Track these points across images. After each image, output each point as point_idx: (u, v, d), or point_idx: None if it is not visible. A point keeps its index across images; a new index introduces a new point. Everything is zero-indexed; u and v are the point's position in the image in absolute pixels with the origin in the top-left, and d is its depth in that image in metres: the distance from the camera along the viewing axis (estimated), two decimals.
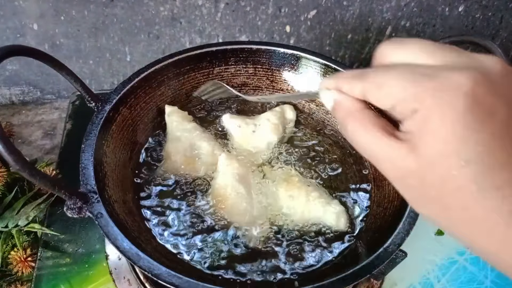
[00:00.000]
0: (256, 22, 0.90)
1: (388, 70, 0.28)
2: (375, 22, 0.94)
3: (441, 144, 0.25)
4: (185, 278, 0.42)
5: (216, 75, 0.71)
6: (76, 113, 0.87)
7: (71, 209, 0.45)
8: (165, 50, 0.92)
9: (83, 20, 0.84)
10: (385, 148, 0.28)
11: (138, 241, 0.46)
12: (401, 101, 0.27)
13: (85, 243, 0.66)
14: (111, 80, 0.96)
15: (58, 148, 0.82)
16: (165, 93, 0.67)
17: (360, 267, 0.45)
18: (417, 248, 0.67)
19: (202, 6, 0.85)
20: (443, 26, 0.97)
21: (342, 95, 0.31)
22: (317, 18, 0.92)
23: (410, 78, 0.27)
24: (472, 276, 0.66)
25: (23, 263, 0.62)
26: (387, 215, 0.54)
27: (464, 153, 0.24)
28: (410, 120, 0.27)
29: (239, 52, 0.70)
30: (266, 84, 0.73)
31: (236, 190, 0.55)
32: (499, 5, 0.95)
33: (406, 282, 0.65)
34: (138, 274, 0.61)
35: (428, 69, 0.27)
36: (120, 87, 0.60)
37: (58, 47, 0.87)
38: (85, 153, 0.51)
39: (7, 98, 0.94)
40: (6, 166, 0.65)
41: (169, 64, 0.65)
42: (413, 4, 0.92)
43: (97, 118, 0.56)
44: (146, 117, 0.64)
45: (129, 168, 0.60)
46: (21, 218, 0.63)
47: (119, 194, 0.53)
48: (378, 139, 0.28)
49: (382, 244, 0.47)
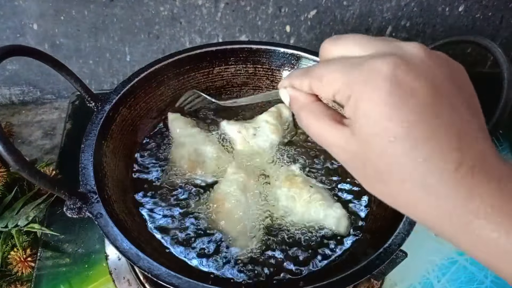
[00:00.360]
0: (256, 22, 0.90)
1: (327, 64, 0.32)
2: (375, 22, 0.94)
3: (371, 124, 0.27)
4: (185, 278, 0.42)
5: (216, 75, 0.71)
6: (76, 113, 0.87)
7: (71, 209, 0.45)
8: (165, 50, 0.92)
9: (83, 20, 0.84)
10: (333, 134, 0.31)
11: (138, 241, 0.46)
12: (338, 90, 0.30)
13: (85, 243, 0.66)
14: (111, 80, 0.96)
15: (58, 148, 0.82)
16: (165, 93, 0.67)
17: (360, 267, 0.45)
18: (417, 248, 0.67)
19: (202, 6, 0.85)
20: (443, 26, 0.97)
21: (295, 91, 0.35)
22: (317, 18, 0.92)
23: (342, 69, 0.30)
24: (472, 276, 0.66)
25: (23, 263, 0.62)
26: (387, 215, 0.54)
27: (392, 130, 0.27)
28: (347, 106, 0.30)
29: (239, 52, 0.70)
30: (266, 84, 0.73)
31: (236, 198, 0.55)
32: (499, 5, 0.95)
33: (406, 282, 0.65)
34: (138, 274, 0.61)
35: (358, 59, 0.30)
36: (120, 87, 0.60)
37: (58, 47, 0.87)
38: (85, 153, 0.51)
39: (7, 98, 0.94)
40: (6, 166, 0.65)
41: (169, 64, 0.65)
42: (413, 4, 0.92)
43: (97, 118, 0.56)
44: (146, 117, 0.64)
45: (129, 168, 0.60)
46: (21, 218, 0.63)
47: (119, 194, 0.53)
48: (327, 126, 0.31)
49: (382, 244, 0.47)
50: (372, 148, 0.28)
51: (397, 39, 0.31)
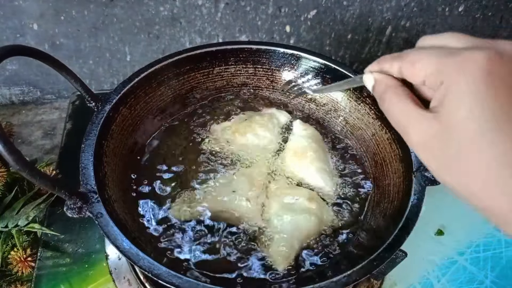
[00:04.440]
0: (256, 22, 0.90)
1: (420, 51, 0.34)
2: (375, 22, 0.94)
3: (463, 109, 0.29)
4: (185, 278, 0.42)
5: (216, 75, 0.71)
6: (76, 113, 0.87)
7: (71, 209, 0.45)
8: (165, 50, 0.92)
9: (83, 20, 0.84)
10: (415, 115, 0.33)
11: (138, 241, 0.46)
12: (430, 75, 0.32)
13: (85, 243, 0.66)
14: (111, 80, 0.96)
15: (58, 148, 0.82)
16: (165, 93, 0.67)
17: (360, 267, 0.45)
18: (417, 248, 0.67)
19: (202, 6, 0.85)
20: (443, 26, 0.97)
21: (381, 74, 0.37)
22: (317, 18, 0.92)
23: (437, 56, 0.32)
24: (472, 276, 0.66)
25: (23, 263, 0.62)
26: (387, 215, 0.54)
27: (483, 117, 0.28)
28: (438, 91, 0.31)
29: (239, 52, 0.70)
30: (266, 84, 0.73)
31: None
32: (499, 5, 0.95)
33: (406, 282, 0.65)
34: (138, 274, 0.61)
35: (454, 49, 0.32)
36: (120, 87, 0.60)
37: (58, 47, 0.87)
38: (85, 153, 0.51)
39: (7, 98, 0.94)
40: (6, 166, 0.65)
41: (169, 64, 0.65)
42: (413, 4, 0.92)
43: (97, 118, 0.56)
44: (146, 117, 0.64)
45: (129, 168, 0.60)
46: (21, 218, 0.63)
47: (119, 194, 0.53)
48: (410, 107, 0.33)
49: (382, 244, 0.47)
50: (458, 133, 0.29)
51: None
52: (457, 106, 0.29)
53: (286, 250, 0.52)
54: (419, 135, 0.32)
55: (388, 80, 0.36)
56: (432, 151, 0.32)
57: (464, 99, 0.29)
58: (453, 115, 0.30)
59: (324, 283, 0.43)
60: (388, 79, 0.36)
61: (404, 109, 0.34)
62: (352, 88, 0.65)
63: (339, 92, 0.68)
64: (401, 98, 0.34)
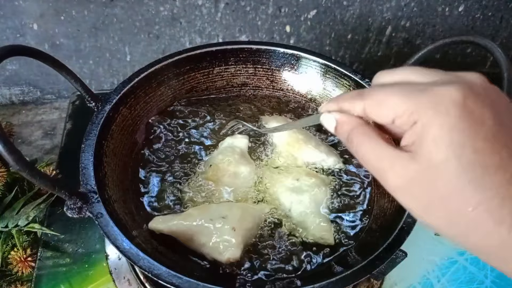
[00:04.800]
0: (256, 22, 0.90)
1: (385, 88, 0.31)
2: (375, 22, 0.94)
3: (442, 150, 0.27)
4: (185, 278, 0.42)
5: (216, 75, 0.71)
6: (76, 113, 0.87)
7: (71, 209, 0.45)
8: (165, 50, 0.92)
9: (83, 20, 0.84)
10: (389, 157, 0.30)
11: (138, 241, 0.46)
12: (401, 115, 0.29)
13: (85, 243, 0.66)
14: (111, 80, 0.96)
15: (58, 148, 0.82)
16: (165, 93, 0.67)
17: (360, 267, 0.45)
18: (417, 248, 0.67)
19: (202, 6, 0.85)
20: (443, 26, 0.97)
21: (343, 114, 0.34)
22: (317, 18, 0.92)
23: (406, 94, 0.29)
24: (472, 276, 0.66)
25: (23, 263, 0.62)
26: (387, 215, 0.54)
27: (464, 157, 0.27)
28: (411, 131, 0.29)
29: (239, 52, 0.70)
30: (266, 84, 0.73)
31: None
32: (499, 5, 0.95)
33: (406, 282, 0.65)
34: (138, 274, 0.61)
35: (421, 85, 0.30)
36: (120, 87, 0.60)
37: (58, 47, 0.87)
38: (85, 153, 0.51)
39: (7, 98, 0.94)
40: (6, 166, 0.65)
41: (169, 64, 0.65)
42: (413, 4, 0.92)
43: (97, 118, 0.56)
44: (146, 117, 0.64)
45: (129, 168, 0.60)
46: (21, 218, 0.63)
47: (119, 194, 0.53)
48: (383, 148, 0.31)
49: (382, 244, 0.47)
50: (440, 174, 0.28)
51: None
52: (436, 146, 0.27)
53: (324, 224, 0.55)
54: (397, 179, 0.30)
55: (352, 120, 0.33)
56: (412, 194, 0.30)
57: (444, 138, 0.27)
58: (433, 155, 0.28)
59: (324, 283, 0.43)
60: (352, 119, 0.33)
61: (376, 150, 0.31)
62: (354, 83, 0.65)
63: (340, 90, 0.68)
64: (372, 137, 0.32)
